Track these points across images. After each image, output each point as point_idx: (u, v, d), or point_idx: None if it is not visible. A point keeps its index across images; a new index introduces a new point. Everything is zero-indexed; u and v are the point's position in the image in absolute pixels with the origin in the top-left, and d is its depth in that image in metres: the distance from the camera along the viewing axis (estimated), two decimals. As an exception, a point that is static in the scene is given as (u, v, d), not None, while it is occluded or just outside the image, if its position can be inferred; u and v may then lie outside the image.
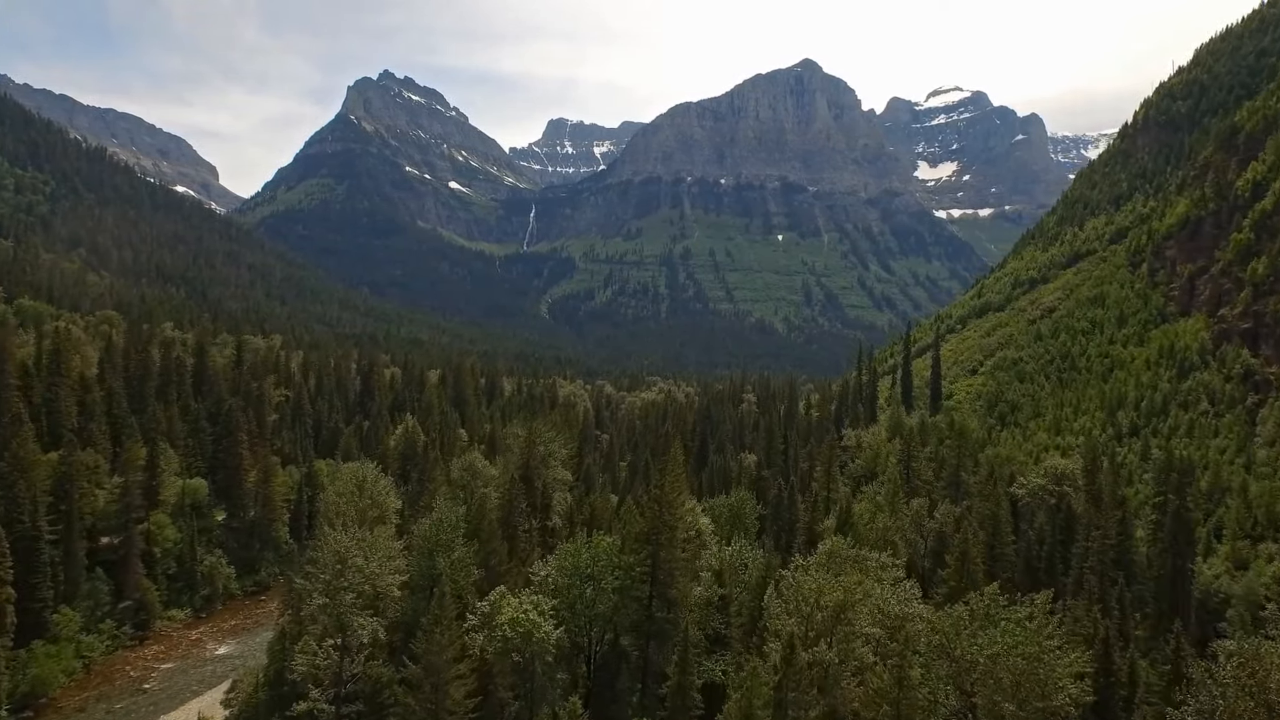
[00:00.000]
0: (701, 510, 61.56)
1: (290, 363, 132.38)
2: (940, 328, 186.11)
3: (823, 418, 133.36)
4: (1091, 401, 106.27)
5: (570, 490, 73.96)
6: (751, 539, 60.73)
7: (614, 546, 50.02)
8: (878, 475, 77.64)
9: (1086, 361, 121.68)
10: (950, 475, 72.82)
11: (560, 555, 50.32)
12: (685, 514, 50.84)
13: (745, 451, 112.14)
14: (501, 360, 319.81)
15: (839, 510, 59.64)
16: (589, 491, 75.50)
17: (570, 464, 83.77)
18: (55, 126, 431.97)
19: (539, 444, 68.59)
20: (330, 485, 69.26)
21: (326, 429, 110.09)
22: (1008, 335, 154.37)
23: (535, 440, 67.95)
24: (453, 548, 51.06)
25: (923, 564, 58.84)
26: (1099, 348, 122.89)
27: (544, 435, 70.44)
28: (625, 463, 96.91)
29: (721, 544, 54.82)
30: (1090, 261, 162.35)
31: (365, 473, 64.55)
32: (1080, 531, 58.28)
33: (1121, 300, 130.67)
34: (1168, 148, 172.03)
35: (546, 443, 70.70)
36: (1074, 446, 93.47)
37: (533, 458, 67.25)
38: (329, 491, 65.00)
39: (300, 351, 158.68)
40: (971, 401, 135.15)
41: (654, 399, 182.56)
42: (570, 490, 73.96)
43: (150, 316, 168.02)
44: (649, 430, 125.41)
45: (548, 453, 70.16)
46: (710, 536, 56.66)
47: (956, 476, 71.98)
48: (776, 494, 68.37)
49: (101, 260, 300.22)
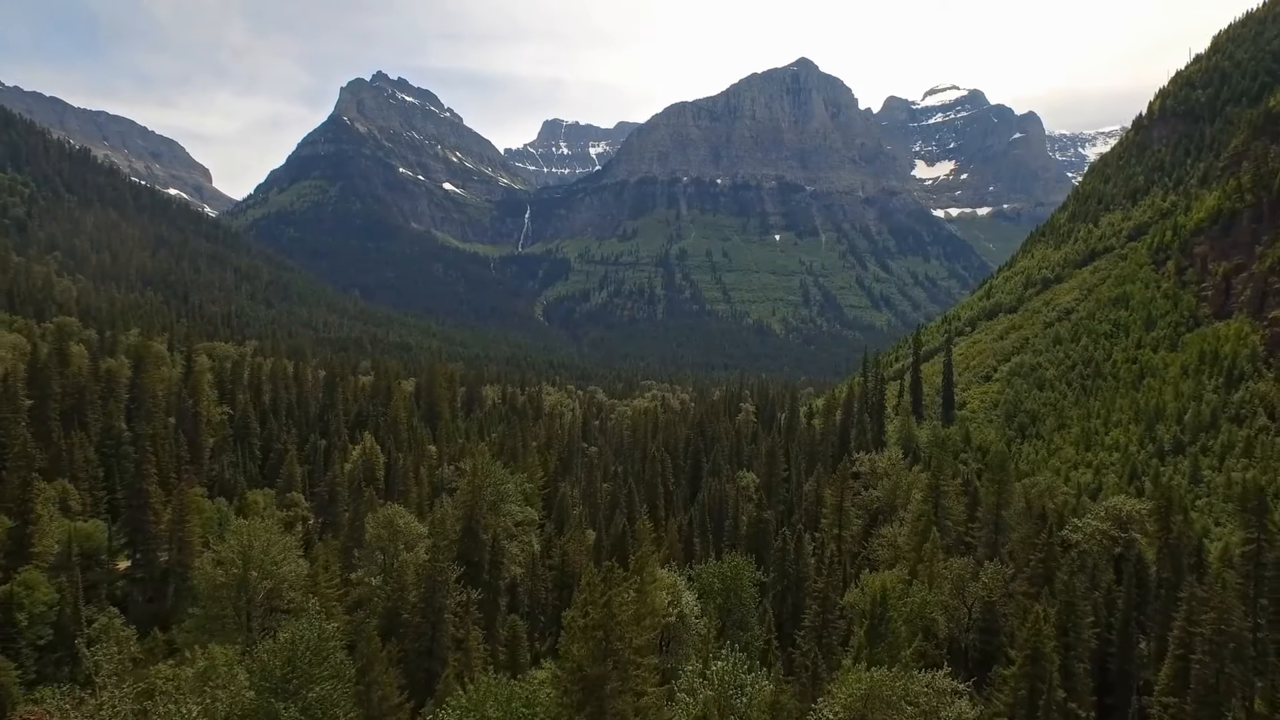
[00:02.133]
0: (688, 579, 51.18)
1: (260, 371, 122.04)
2: (948, 330, 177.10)
3: (827, 429, 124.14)
4: (1123, 412, 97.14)
5: (540, 527, 64.43)
6: (750, 612, 50.89)
7: (538, 698, 35.17)
8: (897, 508, 68.08)
9: (1112, 367, 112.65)
10: (989, 516, 62.68)
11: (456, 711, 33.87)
12: (648, 633, 38.13)
13: (743, 469, 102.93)
14: (492, 365, 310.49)
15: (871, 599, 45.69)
16: (562, 528, 66.17)
17: (541, 495, 74.25)
18: (37, 128, 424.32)
19: (488, 486, 58.22)
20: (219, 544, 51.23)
21: (276, 451, 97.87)
22: (1022, 339, 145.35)
23: (482, 484, 57.36)
24: (312, 681, 35.08)
25: (966, 639, 48.76)
26: (1125, 352, 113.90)
27: (495, 475, 60.05)
28: (608, 485, 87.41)
29: (710, 633, 43.95)
30: (1108, 260, 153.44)
31: (250, 535, 47.47)
32: (1154, 593, 48.64)
33: (1148, 301, 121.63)
34: (1187, 139, 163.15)
35: (497, 483, 60.25)
36: (1108, 463, 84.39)
37: (478, 506, 56.49)
38: (201, 563, 49.22)
39: (271, 359, 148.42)
40: (987, 411, 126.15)
41: (647, 406, 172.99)
42: (540, 527, 64.43)
43: (114, 323, 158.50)
44: (637, 445, 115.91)
45: (498, 496, 59.84)
46: (695, 619, 46.37)
47: (996, 517, 61.64)
48: (781, 547, 58.48)
49: (78, 264, 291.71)
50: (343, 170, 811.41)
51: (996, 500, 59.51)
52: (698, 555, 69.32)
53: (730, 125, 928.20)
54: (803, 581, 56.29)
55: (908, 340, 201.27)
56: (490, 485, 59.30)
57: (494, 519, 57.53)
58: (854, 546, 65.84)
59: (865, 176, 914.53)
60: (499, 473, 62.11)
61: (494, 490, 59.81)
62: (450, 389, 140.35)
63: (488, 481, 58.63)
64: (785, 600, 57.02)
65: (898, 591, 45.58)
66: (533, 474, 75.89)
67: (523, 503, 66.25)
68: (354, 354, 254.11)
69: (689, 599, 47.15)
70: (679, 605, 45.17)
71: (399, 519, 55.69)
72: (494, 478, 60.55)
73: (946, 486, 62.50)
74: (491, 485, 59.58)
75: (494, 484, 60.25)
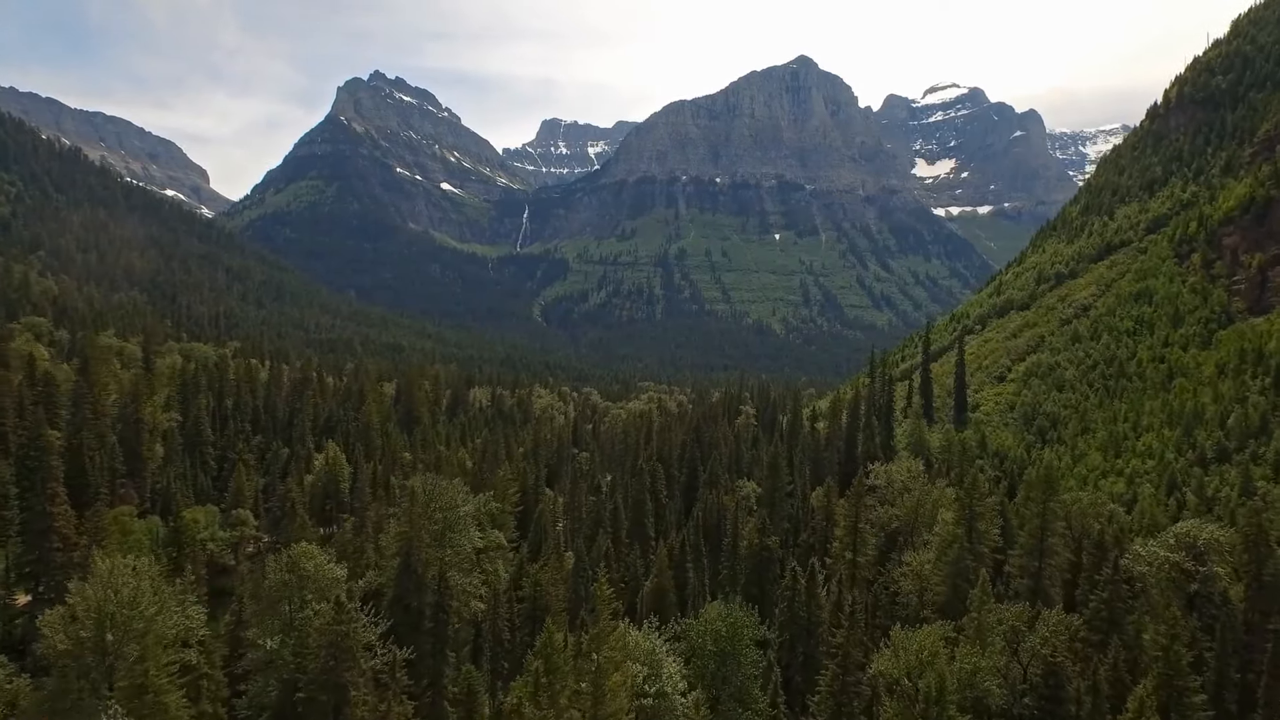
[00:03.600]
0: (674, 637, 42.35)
1: (225, 373, 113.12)
2: (957, 328, 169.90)
3: (832, 434, 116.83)
4: (1154, 416, 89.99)
5: (516, 548, 56.90)
6: (751, 680, 42.72)
7: None
8: (919, 528, 59.94)
9: (1138, 367, 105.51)
10: (1032, 543, 51.61)
11: None
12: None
13: (743, 478, 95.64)
14: (487, 366, 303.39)
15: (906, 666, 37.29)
16: (539, 550, 58.90)
17: (515, 512, 66.54)
18: (27, 127, 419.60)
19: (435, 511, 49.83)
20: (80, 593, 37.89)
21: (230, 460, 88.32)
22: (1038, 337, 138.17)
23: (426, 511, 48.45)
24: None
25: (1021, 706, 39.25)
26: (1151, 351, 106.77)
27: (445, 497, 51.55)
28: (593, 499, 79.44)
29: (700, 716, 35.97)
30: (1126, 253, 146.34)
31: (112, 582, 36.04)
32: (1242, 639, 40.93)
33: (1173, 296, 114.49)
34: (1207, 127, 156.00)
35: (446, 507, 51.18)
36: (1142, 472, 77.25)
37: (418, 539, 46.66)
38: (49, 620, 36.75)
39: (239, 360, 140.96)
40: (1002, 413, 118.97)
41: (643, 409, 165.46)
42: (516, 548, 56.90)
43: (90, 324, 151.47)
44: (629, 453, 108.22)
45: (447, 524, 51.10)
46: (680, 697, 37.75)
47: (1040, 544, 51.10)
48: (790, 585, 50.17)
49: (63, 264, 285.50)
50: (340, 170, 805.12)
51: (1041, 523, 51.36)
52: (691, 585, 61.95)
53: (729, 124, 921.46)
54: (815, 628, 48.29)
55: (914, 339, 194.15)
56: (439, 510, 50.51)
57: (440, 552, 48.21)
58: (869, 572, 58.42)
59: (865, 175, 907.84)
60: (451, 493, 52.64)
61: (443, 517, 50.64)
62: (435, 391, 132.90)
63: (435, 506, 50.25)
64: (794, 651, 48.34)
65: (939, 654, 37.16)
66: (502, 491, 67.74)
67: (489, 524, 58.54)
68: (342, 355, 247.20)
69: (672, 670, 38.70)
70: (658, 681, 37.10)
71: (307, 561, 43.75)
72: (443, 501, 51.22)
73: (980, 507, 54.31)
74: (440, 510, 50.74)
75: (443, 508, 50.89)
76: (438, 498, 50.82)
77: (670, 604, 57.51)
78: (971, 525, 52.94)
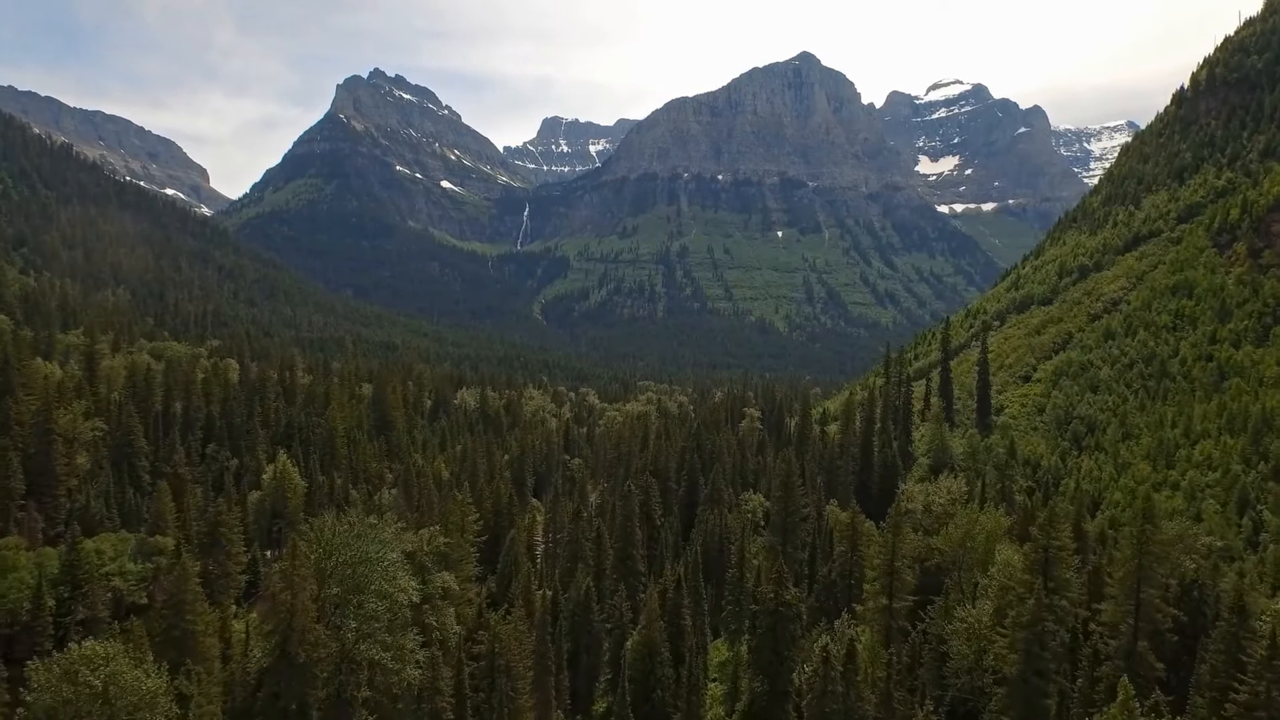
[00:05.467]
0: None
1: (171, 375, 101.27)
2: (974, 324, 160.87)
3: (846, 440, 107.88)
4: (1208, 421, 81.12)
5: (481, 582, 47.89)
6: None
7: None
8: (969, 566, 50.02)
9: (1182, 366, 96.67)
10: (1128, 599, 39.94)
11: None
12: None
13: (749, 490, 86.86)
14: (484, 365, 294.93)
15: None
16: (509, 585, 49.77)
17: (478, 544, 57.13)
18: (17, 123, 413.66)
19: (337, 568, 36.05)
20: None
21: (166, 473, 74.67)
22: (1064, 333, 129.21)
23: (315, 571, 35.56)
24: None
25: None
26: (1196, 348, 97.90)
27: (352, 547, 37.64)
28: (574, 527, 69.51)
29: None
30: (1156, 244, 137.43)
31: None
32: None
33: (1216, 288, 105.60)
34: (1242, 109, 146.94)
35: (357, 560, 37.68)
36: (1202, 485, 68.33)
37: (302, 610, 33.93)
38: None
39: (218, 361, 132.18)
40: (1030, 416, 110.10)
41: (641, 411, 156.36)
42: (481, 582, 47.89)
43: (53, 322, 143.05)
44: (621, 461, 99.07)
45: (356, 584, 37.58)
46: None
47: (1137, 599, 39.72)
48: (822, 674, 39.05)
49: (46, 261, 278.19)
50: (339, 168, 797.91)
51: (1137, 567, 40.68)
52: (688, 636, 52.04)
53: (731, 120, 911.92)
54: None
55: (927, 336, 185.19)
56: (346, 565, 38.22)
57: (346, 621, 36.67)
58: (905, 619, 48.73)
59: (868, 172, 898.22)
60: (361, 544, 39.23)
61: (353, 573, 38.23)
62: (417, 392, 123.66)
63: (338, 561, 38.46)
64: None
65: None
66: (460, 520, 57.15)
67: (438, 564, 48.90)
68: (330, 354, 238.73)
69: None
70: None
71: (86, 671, 28.64)
72: (349, 553, 38.24)
73: (1060, 548, 43.09)
74: (349, 565, 38.14)
75: (353, 562, 38.68)
76: (340, 549, 39.04)
77: (662, 661, 48.71)
78: (1047, 571, 42.84)
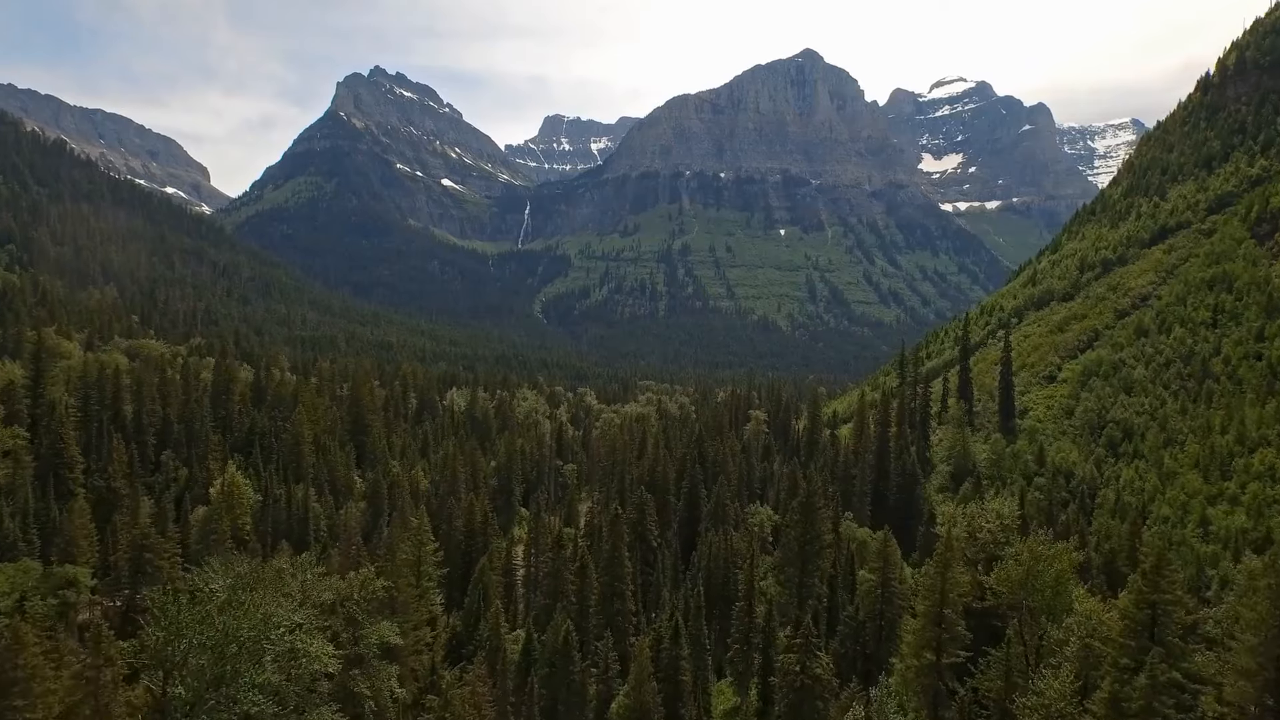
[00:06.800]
0: None
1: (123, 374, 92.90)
2: (991, 322, 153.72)
3: (860, 446, 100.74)
4: (1265, 426, 74.13)
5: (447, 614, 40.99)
6: None
7: None
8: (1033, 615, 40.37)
9: (1225, 365, 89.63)
10: (1262, 662, 29.20)
11: None
12: None
13: (756, 502, 79.99)
14: (481, 365, 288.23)
15: None
16: (476, 624, 42.69)
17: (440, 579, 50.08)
18: (9, 118, 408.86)
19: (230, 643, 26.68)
20: None
21: (97, 489, 68.95)
22: (1090, 330, 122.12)
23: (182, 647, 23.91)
24: None
25: None
26: (1241, 346, 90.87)
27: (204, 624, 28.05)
28: (572, 530, 62.90)
29: None
30: (1186, 236, 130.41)
31: None
32: None
33: (1260, 281, 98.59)
34: (1275, 94, 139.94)
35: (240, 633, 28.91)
36: (1269, 500, 61.23)
37: None
38: None
39: (190, 360, 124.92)
40: (1056, 420, 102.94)
41: (640, 412, 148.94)
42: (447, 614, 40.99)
43: (24, 319, 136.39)
44: (616, 470, 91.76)
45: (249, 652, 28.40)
46: None
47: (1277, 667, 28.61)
48: None
49: (34, 258, 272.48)
50: (339, 166, 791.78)
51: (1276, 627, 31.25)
52: (685, 696, 44.76)
53: (733, 118, 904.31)
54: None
55: (939, 334, 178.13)
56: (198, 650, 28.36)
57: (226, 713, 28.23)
58: (952, 678, 40.96)
59: (872, 170, 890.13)
60: (250, 618, 30.15)
61: (238, 650, 28.80)
62: (402, 393, 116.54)
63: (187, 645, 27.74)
64: None
65: None
66: (413, 555, 49.46)
67: (383, 612, 41.80)
68: (321, 353, 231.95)
69: None
70: None
71: None
72: (211, 633, 28.80)
73: (1172, 603, 31.79)
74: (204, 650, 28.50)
75: (216, 643, 28.84)
76: (194, 629, 29.02)
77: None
78: (1155, 634, 33.98)
